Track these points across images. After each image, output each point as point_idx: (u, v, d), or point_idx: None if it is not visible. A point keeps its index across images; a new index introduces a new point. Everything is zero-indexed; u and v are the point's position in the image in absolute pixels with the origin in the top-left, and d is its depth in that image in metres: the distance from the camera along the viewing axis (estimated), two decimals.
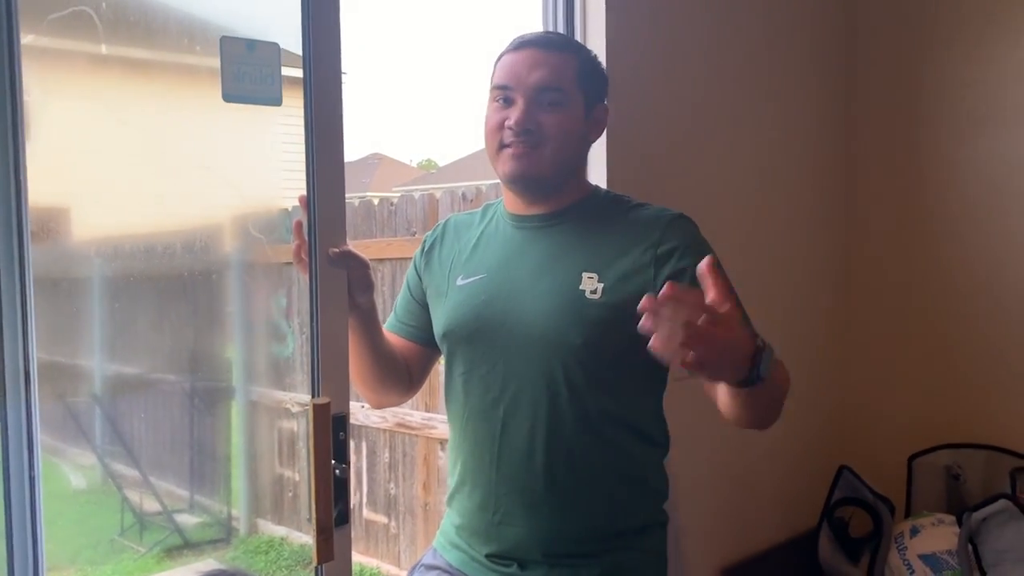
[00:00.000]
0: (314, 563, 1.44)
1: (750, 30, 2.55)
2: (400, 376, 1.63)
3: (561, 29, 2.10)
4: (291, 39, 1.43)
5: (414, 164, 27.44)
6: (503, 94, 1.45)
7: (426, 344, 1.63)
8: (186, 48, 1.72)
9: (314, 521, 1.41)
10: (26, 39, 1.39)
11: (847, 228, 2.97)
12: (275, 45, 1.42)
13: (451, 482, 1.59)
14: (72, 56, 1.75)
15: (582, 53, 1.51)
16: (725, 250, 1.58)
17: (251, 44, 1.40)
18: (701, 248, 1.44)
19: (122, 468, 3.55)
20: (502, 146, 1.45)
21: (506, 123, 1.44)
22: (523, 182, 1.47)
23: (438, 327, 1.56)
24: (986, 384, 2.69)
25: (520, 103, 1.43)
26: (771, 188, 2.65)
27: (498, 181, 1.55)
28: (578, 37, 2.09)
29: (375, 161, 19.42)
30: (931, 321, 2.80)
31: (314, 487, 1.40)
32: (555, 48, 1.48)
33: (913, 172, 2.83)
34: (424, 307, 1.62)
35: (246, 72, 1.39)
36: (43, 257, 2.07)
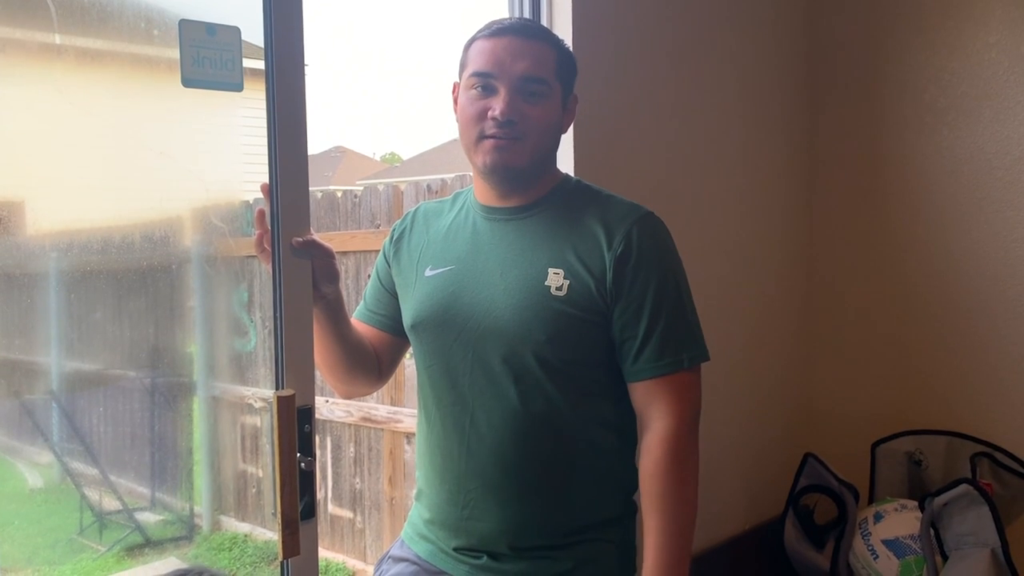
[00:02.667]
0: (279, 558, 1.42)
1: (716, 26, 2.56)
2: (369, 366, 1.61)
3: (527, 16, 2.08)
4: (250, 30, 1.40)
5: (377, 158, 27.30)
6: (483, 81, 1.43)
7: (396, 333, 1.62)
8: (143, 34, 1.68)
9: (279, 515, 1.38)
10: None
11: (810, 223, 3.00)
12: (236, 29, 1.39)
13: (419, 476, 1.58)
14: (24, 43, 1.70)
15: (559, 44, 1.50)
16: (690, 243, 1.58)
17: (211, 28, 1.36)
18: (660, 256, 1.45)
19: (81, 466, 3.48)
20: (482, 136, 1.43)
21: (489, 113, 1.41)
22: (502, 174, 1.46)
23: (406, 318, 1.55)
24: (946, 372, 2.73)
25: (503, 93, 1.41)
26: (735, 182, 2.67)
27: (463, 173, 1.54)
28: (544, 25, 2.08)
29: (338, 154, 19.28)
30: (893, 312, 2.84)
31: (279, 481, 1.37)
32: (536, 38, 1.46)
33: (874, 168, 2.86)
34: (394, 296, 1.60)
35: (206, 56, 1.36)
36: None
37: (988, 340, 2.65)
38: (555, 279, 1.42)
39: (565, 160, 2.05)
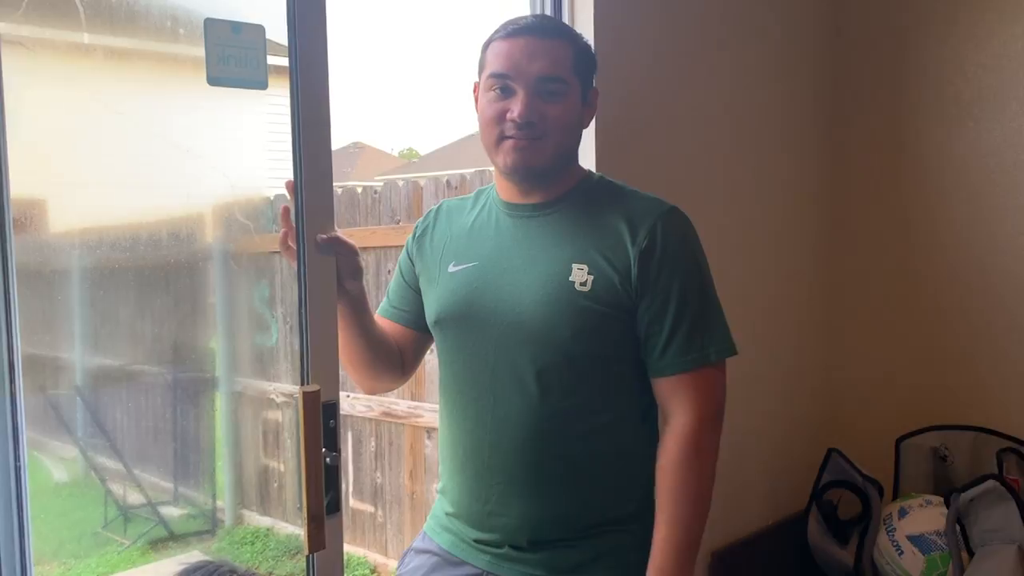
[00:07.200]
0: (305, 552, 1.43)
1: (740, 19, 2.55)
2: (392, 361, 1.62)
3: (549, 13, 2.08)
4: (273, 28, 1.41)
5: (395, 153, 27.34)
6: (501, 83, 1.43)
7: (419, 329, 1.62)
8: (169, 32, 1.69)
9: (305, 510, 1.39)
10: (4, 27, 1.36)
11: (833, 214, 2.98)
12: (260, 27, 1.40)
13: (442, 471, 1.58)
14: (52, 42, 1.71)
15: (576, 39, 1.50)
16: (713, 238, 1.57)
17: (236, 26, 1.37)
18: (684, 250, 1.44)
19: (105, 461, 3.52)
20: (502, 137, 1.43)
21: (508, 115, 1.41)
22: (524, 173, 1.46)
23: (430, 314, 1.55)
24: (972, 367, 2.71)
25: (521, 94, 1.41)
26: (758, 174, 2.65)
27: (482, 169, 1.54)
28: (565, 21, 2.08)
29: (356, 150, 19.32)
30: (917, 307, 2.82)
31: (304, 475, 1.38)
32: (551, 35, 1.45)
33: (898, 161, 2.84)
34: (417, 292, 1.61)
35: (231, 55, 1.37)
36: (23, 248, 2.04)
37: (1014, 335, 2.63)
38: (579, 275, 1.42)
39: (587, 156, 2.04)
